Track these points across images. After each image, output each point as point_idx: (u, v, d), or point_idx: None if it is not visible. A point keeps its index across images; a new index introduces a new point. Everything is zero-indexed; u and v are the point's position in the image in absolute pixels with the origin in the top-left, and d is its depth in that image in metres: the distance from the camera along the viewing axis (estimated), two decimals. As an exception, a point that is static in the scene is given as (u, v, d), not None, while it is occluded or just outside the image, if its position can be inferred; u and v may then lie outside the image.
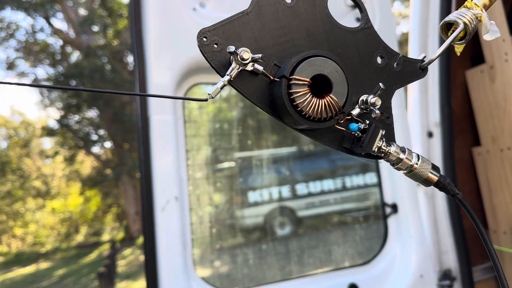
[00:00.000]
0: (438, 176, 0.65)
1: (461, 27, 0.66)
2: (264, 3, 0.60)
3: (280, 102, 0.57)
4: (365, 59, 0.65)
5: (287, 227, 3.90)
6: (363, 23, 0.66)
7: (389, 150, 0.63)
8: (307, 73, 0.57)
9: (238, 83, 0.58)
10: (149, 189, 1.67)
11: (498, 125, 2.32)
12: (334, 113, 0.59)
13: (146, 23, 1.71)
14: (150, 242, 1.66)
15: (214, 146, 2.41)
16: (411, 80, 0.69)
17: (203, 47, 0.57)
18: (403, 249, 2.18)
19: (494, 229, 2.42)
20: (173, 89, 1.74)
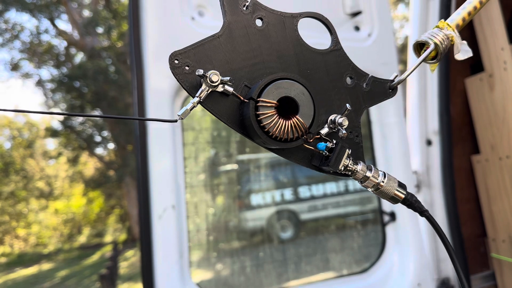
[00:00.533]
0: (405, 194, 0.67)
1: (431, 47, 0.68)
2: (235, 27, 0.62)
3: (249, 123, 0.59)
4: (334, 80, 0.67)
5: (289, 230, 3.90)
6: (332, 45, 0.68)
7: (355, 169, 0.64)
8: (274, 95, 0.59)
9: (209, 103, 0.59)
10: (146, 197, 1.67)
11: (497, 133, 2.32)
12: (300, 133, 0.60)
13: (144, 31, 1.72)
14: (146, 250, 1.66)
15: (214, 150, 2.42)
16: (380, 99, 0.70)
17: (174, 69, 0.59)
18: (401, 257, 2.18)
19: (493, 237, 2.41)
20: (172, 96, 1.75)
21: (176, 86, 1.76)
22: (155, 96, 1.71)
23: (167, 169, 1.72)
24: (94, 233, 17.55)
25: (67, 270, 12.30)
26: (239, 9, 0.62)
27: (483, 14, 2.30)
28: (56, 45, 15.25)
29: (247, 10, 0.63)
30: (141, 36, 1.72)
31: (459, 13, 0.70)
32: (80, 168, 17.17)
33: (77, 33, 14.98)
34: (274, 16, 0.64)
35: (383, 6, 2.17)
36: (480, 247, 2.52)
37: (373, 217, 3.71)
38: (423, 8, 2.34)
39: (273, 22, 0.64)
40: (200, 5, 1.80)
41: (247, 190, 2.98)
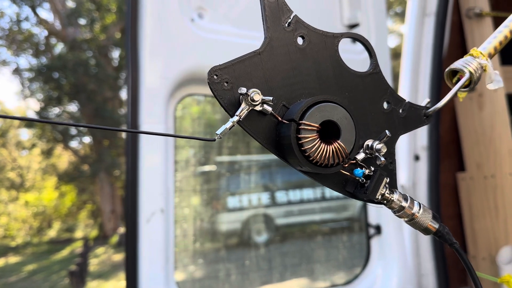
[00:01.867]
0: (438, 226, 0.65)
1: (467, 76, 0.66)
2: (276, 44, 0.60)
3: (287, 144, 0.57)
4: (371, 104, 0.65)
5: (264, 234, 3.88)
6: (372, 68, 0.66)
7: (392, 198, 0.62)
8: (317, 118, 0.56)
9: (246, 123, 0.57)
10: (135, 200, 1.63)
11: (483, 152, 2.35)
12: (341, 159, 0.58)
13: (142, 30, 1.67)
14: (132, 253, 1.62)
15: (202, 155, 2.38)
16: (415, 126, 0.69)
17: (213, 85, 0.56)
18: (385, 271, 2.19)
19: (473, 254, 2.44)
20: (166, 98, 1.71)
21: (171, 88, 1.72)
22: (149, 96, 1.67)
23: (157, 172, 1.68)
24: (65, 227, 17.20)
25: (34, 265, 12.00)
26: (281, 25, 0.60)
27: (476, 34, 2.33)
28: (36, 33, 14.91)
29: (289, 27, 0.61)
30: (138, 34, 1.67)
31: (491, 42, 0.70)
32: (54, 160, 16.80)
33: (59, 23, 14.68)
34: (315, 35, 0.62)
35: (380, 20, 2.18)
36: (459, 264, 2.55)
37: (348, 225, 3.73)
38: (419, 24, 2.36)
39: (314, 41, 0.62)
40: (200, 7, 1.77)
41: (225, 192, 2.95)
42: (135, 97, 1.66)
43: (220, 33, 1.79)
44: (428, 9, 2.33)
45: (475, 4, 2.32)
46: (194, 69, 1.75)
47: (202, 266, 2.44)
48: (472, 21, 2.34)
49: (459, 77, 0.67)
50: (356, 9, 2.11)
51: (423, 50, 2.37)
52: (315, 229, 3.82)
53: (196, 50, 1.75)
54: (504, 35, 0.70)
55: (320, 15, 2.08)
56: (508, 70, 2.38)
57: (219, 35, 1.79)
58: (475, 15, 2.30)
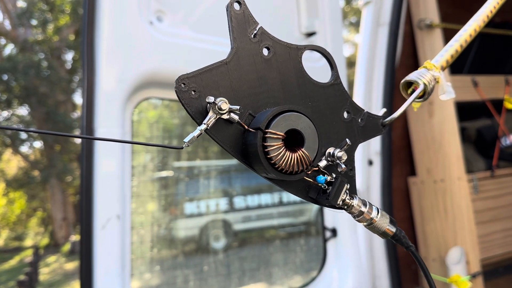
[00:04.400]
0: (395, 230, 0.68)
1: (421, 87, 0.70)
2: (243, 54, 0.61)
3: (253, 152, 0.58)
4: (332, 113, 0.68)
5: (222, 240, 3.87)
6: (333, 79, 0.69)
7: (352, 203, 0.65)
8: (282, 127, 0.58)
9: (213, 131, 0.58)
10: (89, 206, 1.59)
11: (433, 157, 2.45)
12: (305, 166, 0.60)
13: (99, 32, 1.64)
14: (87, 261, 1.58)
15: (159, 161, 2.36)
16: (373, 135, 0.72)
17: (180, 94, 0.57)
18: (340, 273, 2.23)
19: (425, 255, 2.54)
20: (123, 101, 1.68)
21: (129, 91, 1.70)
22: (105, 100, 1.64)
23: (113, 177, 1.65)
24: (13, 236, 16.45)
25: (-20, 275, 11.41)
26: (247, 36, 0.62)
27: (427, 45, 2.44)
28: (-17, 33, 14.25)
29: (255, 38, 0.62)
30: (95, 36, 1.64)
31: (443, 55, 0.73)
32: (2, 166, 16.07)
33: (9, 23, 14.11)
34: (280, 46, 0.64)
35: (336, 29, 2.24)
36: (412, 264, 2.64)
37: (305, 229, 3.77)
38: (373, 33, 2.44)
39: (279, 52, 0.64)
40: (160, 10, 1.76)
41: (182, 198, 2.93)
42: (90, 100, 1.63)
43: (179, 37, 1.78)
44: (382, 19, 2.41)
45: (426, 16, 2.43)
46: (152, 73, 1.73)
47: (159, 273, 2.40)
48: (423, 32, 2.45)
49: (414, 88, 0.70)
50: (313, 18, 2.16)
51: (377, 59, 2.45)
52: (272, 234, 3.85)
53: (155, 53, 1.73)
54: (455, 49, 0.74)
55: (279, 23, 2.11)
56: (456, 79, 2.49)
57: (178, 38, 1.78)
58: (425, 26, 2.41)
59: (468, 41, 0.78)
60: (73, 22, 14.50)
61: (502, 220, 2.47)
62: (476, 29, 0.79)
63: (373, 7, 2.43)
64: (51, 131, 13.99)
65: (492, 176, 2.44)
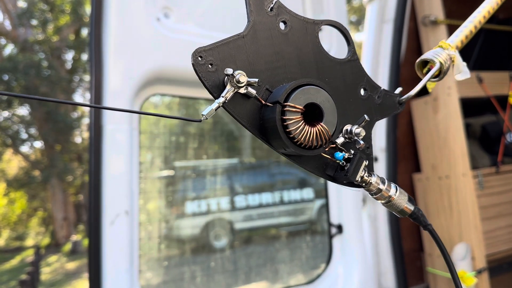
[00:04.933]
0: (413, 208, 0.68)
1: (437, 66, 0.69)
2: (260, 28, 0.61)
3: (271, 127, 0.58)
4: (349, 90, 0.67)
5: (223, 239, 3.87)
6: (349, 55, 0.68)
7: (370, 181, 0.64)
8: (301, 100, 0.57)
9: (230, 105, 0.57)
10: (98, 202, 1.59)
11: (438, 154, 2.45)
12: (324, 141, 0.60)
13: (106, 29, 1.64)
14: (95, 256, 1.58)
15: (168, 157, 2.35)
16: (390, 112, 0.72)
17: (197, 67, 0.56)
18: (346, 269, 2.24)
19: (429, 252, 2.54)
20: (131, 98, 1.68)
21: (136, 87, 1.70)
22: (113, 97, 1.64)
23: (122, 172, 1.65)
24: (14, 236, 16.44)
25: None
26: (264, 10, 0.61)
27: (431, 39, 2.44)
28: (-16, 33, 14.24)
29: (272, 12, 0.62)
30: (102, 33, 1.64)
31: (458, 35, 0.73)
32: (3, 166, 16.06)
33: (9, 23, 14.10)
34: (297, 21, 0.63)
35: (341, 25, 2.24)
36: (416, 261, 2.65)
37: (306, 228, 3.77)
38: (377, 30, 2.44)
39: (296, 27, 0.63)
40: (166, 6, 1.76)
41: (184, 197, 2.93)
42: (98, 97, 1.63)
43: (185, 33, 1.78)
44: (387, 16, 2.42)
45: (431, 12, 2.43)
46: (160, 69, 1.73)
47: (164, 270, 2.41)
48: (428, 28, 2.45)
49: (429, 67, 0.70)
50: (319, 14, 2.16)
51: (382, 55, 2.45)
52: (273, 233, 3.85)
53: (162, 50, 1.73)
54: (470, 29, 0.74)
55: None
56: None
57: (185, 35, 1.78)
58: (430, 23, 2.41)
59: (482, 23, 0.77)
60: (73, 22, 14.48)
61: (507, 216, 2.47)
62: (489, 11, 0.79)
63: (377, 3, 2.43)
64: (52, 130, 13.98)
65: (497, 172, 2.44)
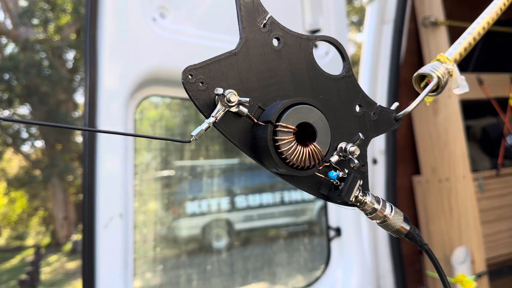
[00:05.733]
0: (409, 228, 0.66)
1: (435, 80, 0.68)
2: (252, 45, 0.59)
3: (263, 146, 0.56)
4: (344, 107, 0.65)
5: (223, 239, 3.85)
6: (344, 71, 0.66)
7: (365, 200, 0.62)
8: (293, 120, 0.56)
9: (221, 124, 0.56)
10: (92, 204, 1.57)
11: (438, 156, 2.43)
12: (317, 162, 0.58)
13: (101, 28, 1.62)
14: (89, 260, 1.56)
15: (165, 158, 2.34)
16: (386, 129, 0.70)
17: (188, 85, 0.54)
18: (345, 273, 2.21)
19: (429, 255, 2.52)
20: (126, 99, 1.66)
21: (131, 88, 1.68)
22: (108, 98, 1.62)
23: (116, 175, 1.63)
24: (15, 235, 16.46)
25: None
26: (257, 26, 0.59)
27: (431, 42, 2.41)
28: (-15, 32, 14.25)
29: (265, 28, 0.60)
30: (97, 33, 1.62)
31: (456, 48, 0.71)
32: (3, 165, 16.07)
33: (10, 22, 14.11)
34: (290, 37, 0.62)
35: (341, 26, 2.22)
36: (416, 264, 2.62)
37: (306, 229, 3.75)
38: (377, 31, 2.42)
39: (289, 43, 0.62)
40: (163, 6, 1.74)
41: (184, 197, 2.92)
42: (93, 98, 1.61)
43: (182, 34, 1.76)
44: (387, 16, 2.39)
45: (431, 13, 2.40)
46: (155, 70, 1.71)
47: (161, 272, 2.39)
48: (428, 29, 2.43)
49: (427, 82, 0.68)
50: (318, 15, 2.14)
51: (381, 57, 2.43)
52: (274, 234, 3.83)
53: (158, 50, 1.71)
54: (468, 42, 0.72)
55: (282, 20, 2.08)
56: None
57: (181, 35, 1.76)
58: (430, 24, 2.39)
59: (481, 34, 0.75)
60: (74, 21, 14.49)
61: (507, 219, 2.45)
62: (489, 22, 0.77)
63: (377, 4, 2.41)
64: (53, 130, 13.98)
65: (497, 175, 2.42)
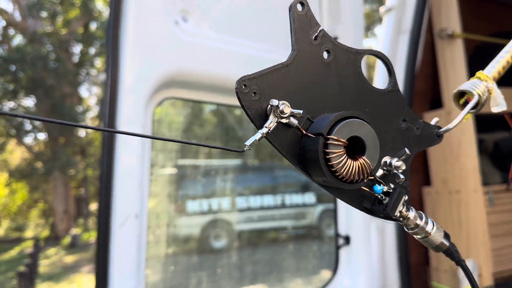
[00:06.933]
0: (449, 244, 0.66)
1: (475, 98, 0.68)
2: (303, 57, 0.60)
3: (312, 158, 0.56)
4: (389, 121, 0.66)
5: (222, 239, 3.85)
6: (391, 86, 0.67)
7: (408, 215, 0.63)
8: (344, 133, 0.56)
9: (272, 135, 0.56)
10: (108, 203, 1.58)
11: (449, 168, 2.43)
12: (365, 176, 0.58)
13: (124, 29, 1.63)
14: (103, 259, 1.56)
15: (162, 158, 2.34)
16: (428, 145, 0.71)
17: (241, 95, 0.55)
18: (352, 281, 2.22)
19: (436, 266, 2.52)
20: (146, 99, 1.67)
21: (151, 90, 1.68)
22: (128, 98, 1.63)
23: (133, 174, 1.64)
24: (14, 226, 16.48)
25: (-21, 265, 11.42)
26: (308, 38, 0.60)
27: (447, 53, 2.42)
28: (-7, 23, 14.28)
29: (316, 40, 0.60)
30: (120, 33, 1.63)
31: (494, 66, 0.72)
32: (6, 156, 16.09)
33: (19, 14, 14.13)
34: (340, 50, 0.62)
35: (358, 35, 2.22)
36: (422, 275, 2.62)
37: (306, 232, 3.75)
38: (393, 41, 2.42)
39: (339, 56, 0.62)
40: (185, 10, 1.74)
41: (185, 196, 2.92)
42: (113, 97, 1.61)
43: (203, 37, 1.77)
44: (403, 27, 2.40)
45: (448, 25, 2.41)
46: (175, 72, 1.72)
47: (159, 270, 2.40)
48: (444, 41, 2.43)
49: (466, 99, 0.69)
50: (336, 23, 2.14)
51: (397, 66, 2.43)
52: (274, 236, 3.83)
53: (179, 53, 1.72)
54: (506, 60, 0.73)
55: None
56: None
57: (202, 39, 1.77)
58: (447, 36, 2.39)
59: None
60: (82, 16, 14.52)
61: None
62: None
63: (394, 14, 2.41)
64: (56, 123, 13.97)
65: (508, 189, 2.42)
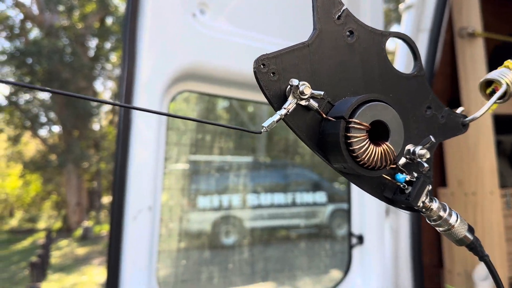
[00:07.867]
0: (472, 238, 0.63)
1: (504, 87, 0.65)
2: (325, 37, 0.57)
3: (332, 142, 0.54)
4: (414, 107, 0.63)
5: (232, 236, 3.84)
6: (416, 70, 0.64)
7: (431, 207, 0.60)
8: (367, 117, 0.53)
9: (290, 117, 0.53)
10: (122, 196, 1.58)
11: (466, 169, 2.39)
12: (388, 162, 0.55)
13: (141, 21, 1.62)
14: (115, 250, 1.56)
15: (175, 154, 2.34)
16: (453, 134, 0.67)
17: (260, 75, 0.52)
18: (365, 281, 2.19)
19: (449, 269, 2.48)
20: (162, 92, 1.66)
21: (167, 83, 1.68)
22: (144, 91, 1.62)
23: (147, 168, 1.64)
24: (27, 217, 16.69)
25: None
26: (331, 18, 0.57)
27: (467, 52, 2.37)
28: (11, 16, 14.44)
29: (339, 20, 0.57)
30: (137, 26, 1.62)
31: None
32: (21, 148, 16.29)
33: (36, 8, 14.28)
34: (364, 31, 0.59)
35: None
36: (435, 277, 2.59)
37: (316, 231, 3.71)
38: (413, 39, 2.38)
39: (362, 37, 0.59)
40: (203, 2, 1.73)
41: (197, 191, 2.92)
42: (129, 90, 1.61)
43: (220, 31, 1.76)
44: (423, 25, 2.36)
45: (468, 24, 2.36)
46: (192, 66, 1.71)
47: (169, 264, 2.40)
48: (464, 40, 2.39)
49: (494, 88, 0.66)
50: (355, 18, 2.12)
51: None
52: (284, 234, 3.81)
53: (195, 46, 1.71)
54: None
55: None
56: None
57: (219, 33, 1.76)
58: (467, 35, 2.35)
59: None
60: (98, 10, 14.62)
61: (533, 238, 2.40)
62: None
63: (414, 11, 2.37)
64: (71, 116, 14.12)
65: (525, 192, 2.38)
